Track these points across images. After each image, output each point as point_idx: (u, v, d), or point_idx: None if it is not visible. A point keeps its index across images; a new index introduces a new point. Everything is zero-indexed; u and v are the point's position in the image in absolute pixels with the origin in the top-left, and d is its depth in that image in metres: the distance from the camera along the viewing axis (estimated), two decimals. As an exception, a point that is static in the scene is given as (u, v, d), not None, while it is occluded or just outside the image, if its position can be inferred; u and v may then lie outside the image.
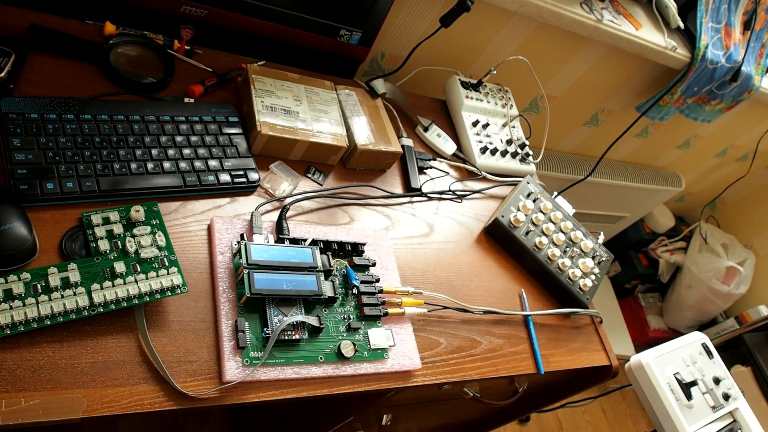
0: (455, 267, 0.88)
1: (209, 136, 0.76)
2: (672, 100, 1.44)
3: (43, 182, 0.62)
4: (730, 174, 2.28)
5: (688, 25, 1.38)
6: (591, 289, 0.96)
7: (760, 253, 2.29)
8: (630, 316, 2.31)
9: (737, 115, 1.84)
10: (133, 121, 0.72)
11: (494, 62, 1.16)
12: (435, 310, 0.79)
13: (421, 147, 1.02)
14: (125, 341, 0.57)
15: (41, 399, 0.51)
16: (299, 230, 0.75)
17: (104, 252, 0.60)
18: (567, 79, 1.43)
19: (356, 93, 0.95)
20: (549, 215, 0.99)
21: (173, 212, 0.69)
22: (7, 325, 0.52)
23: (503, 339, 0.83)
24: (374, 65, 1.22)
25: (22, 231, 0.57)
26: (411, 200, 0.92)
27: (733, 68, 1.41)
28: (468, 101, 1.09)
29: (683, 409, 0.91)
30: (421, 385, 0.72)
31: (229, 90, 0.86)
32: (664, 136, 1.87)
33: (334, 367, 0.66)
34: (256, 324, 0.64)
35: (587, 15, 1.18)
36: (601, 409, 2.13)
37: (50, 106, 0.68)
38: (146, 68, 0.80)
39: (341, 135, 0.85)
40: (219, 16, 0.85)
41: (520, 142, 1.12)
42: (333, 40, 0.94)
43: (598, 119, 1.65)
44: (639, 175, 1.88)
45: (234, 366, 0.60)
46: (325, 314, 0.69)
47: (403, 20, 1.12)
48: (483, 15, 1.15)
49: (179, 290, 0.60)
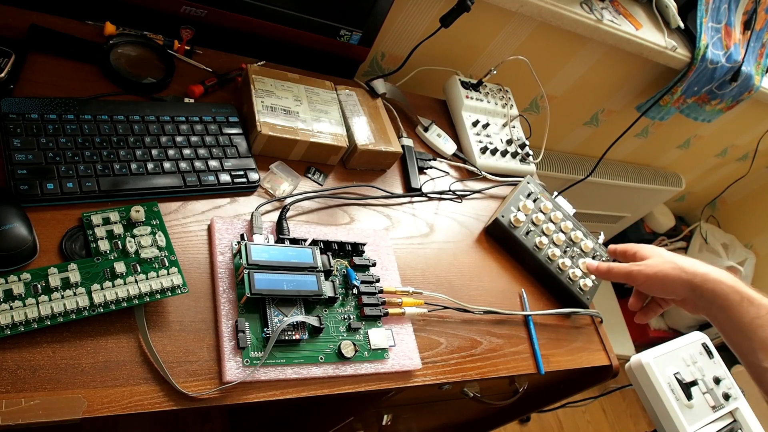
0: (455, 267, 0.87)
1: (209, 136, 0.76)
2: (672, 99, 1.44)
3: (43, 182, 0.62)
4: (730, 174, 2.28)
5: (688, 25, 1.38)
6: (591, 289, 0.96)
7: (760, 253, 2.29)
8: (630, 316, 2.29)
9: (737, 115, 1.84)
10: (133, 121, 0.72)
11: (494, 62, 1.16)
12: (435, 310, 0.79)
13: (421, 147, 1.02)
14: (125, 341, 0.57)
15: (41, 399, 0.51)
16: (299, 230, 0.75)
17: (104, 252, 0.60)
18: (567, 79, 1.43)
19: (356, 93, 0.95)
20: (549, 215, 0.99)
21: (173, 212, 0.69)
22: (8, 326, 0.52)
23: (503, 339, 0.83)
24: (374, 65, 1.22)
25: (22, 231, 0.57)
26: (411, 200, 0.92)
27: (733, 68, 1.41)
28: (468, 101, 1.09)
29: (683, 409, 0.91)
30: (421, 385, 0.72)
31: (229, 90, 0.86)
32: (664, 136, 1.87)
33: (335, 367, 0.66)
34: (256, 324, 0.64)
35: (587, 15, 1.18)
36: (601, 409, 2.13)
37: (50, 107, 0.67)
38: (146, 68, 0.80)
39: (341, 135, 0.85)
40: (219, 16, 0.85)
41: (520, 142, 1.11)
42: (333, 40, 0.94)
43: (598, 119, 1.65)
44: (639, 175, 1.88)
45: (234, 366, 0.60)
46: (326, 314, 0.69)
47: (403, 20, 1.12)
48: (483, 15, 1.15)
49: (179, 290, 0.60)
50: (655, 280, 0.71)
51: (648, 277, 0.72)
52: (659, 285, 0.71)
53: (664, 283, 0.70)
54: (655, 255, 0.74)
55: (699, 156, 2.09)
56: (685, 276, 0.69)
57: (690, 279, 0.68)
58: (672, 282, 0.70)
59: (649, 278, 0.72)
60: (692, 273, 0.69)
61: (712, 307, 0.67)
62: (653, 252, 0.75)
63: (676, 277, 0.69)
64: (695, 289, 0.68)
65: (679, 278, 0.69)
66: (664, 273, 0.70)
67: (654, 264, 0.72)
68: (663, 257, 0.73)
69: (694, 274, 0.68)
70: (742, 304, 0.64)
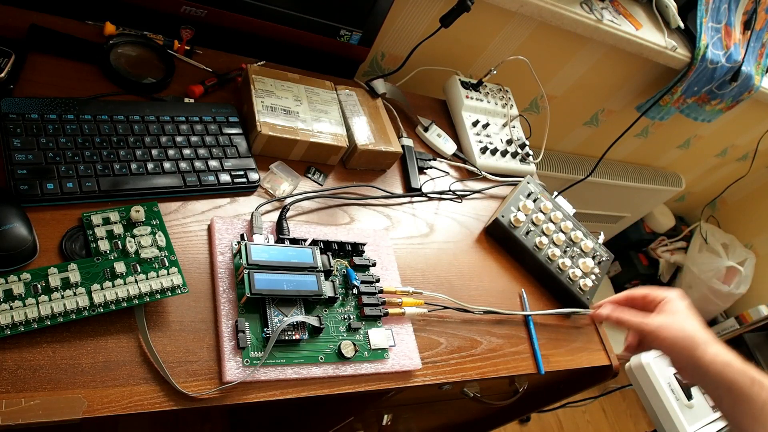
0: (455, 267, 0.87)
1: (209, 136, 0.76)
2: (672, 99, 1.44)
3: (43, 182, 0.62)
4: (730, 174, 2.28)
5: (688, 25, 1.38)
6: (591, 289, 0.96)
7: (760, 252, 2.29)
8: (630, 316, 2.30)
9: (737, 115, 1.84)
10: (133, 121, 0.72)
11: (494, 62, 1.16)
12: (435, 310, 0.79)
13: (421, 147, 1.02)
14: (125, 341, 0.57)
15: (41, 399, 0.51)
16: (299, 230, 0.75)
17: (104, 252, 0.60)
18: (567, 79, 1.43)
19: (356, 93, 0.95)
20: (549, 215, 0.99)
21: (173, 212, 0.69)
22: (8, 326, 0.52)
23: (503, 339, 0.83)
24: (374, 65, 1.22)
25: (22, 231, 0.57)
26: (411, 200, 0.92)
27: (733, 68, 1.41)
28: (468, 101, 1.09)
29: (683, 409, 0.91)
30: (421, 385, 0.72)
31: (229, 90, 0.86)
32: (664, 136, 1.87)
33: (335, 367, 0.66)
34: (256, 324, 0.64)
35: (587, 15, 1.18)
36: (601, 409, 2.13)
37: (50, 107, 0.67)
38: (146, 68, 0.80)
39: (341, 135, 0.85)
40: (219, 16, 0.85)
41: (520, 142, 1.11)
42: (333, 40, 0.94)
43: (598, 119, 1.65)
44: (639, 175, 1.88)
45: (234, 366, 0.60)
46: (326, 314, 0.69)
47: (403, 20, 1.12)
48: (483, 15, 1.15)
49: (179, 290, 0.60)
50: (663, 347, 0.70)
51: (659, 342, 0.70)
52: (668, 352, 0.70)
53: (673, 352, 0.68)
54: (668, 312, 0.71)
55: (699, 156, 2.09)
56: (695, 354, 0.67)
57: (700, 357, 0.66)
58: (679, 352, 0.68)
59: (659, 344, 0.70)
60: (702, 351, 0.66)
61: (718, 389, 0.65)
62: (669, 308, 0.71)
63: (685, 350, 0.67)
64: (701, 367, 0.66)
65: (688, 351, 0.67)
66: (675, 342, 0.68)
67: (668, 327, 0.69)
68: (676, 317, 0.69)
69: (704, 351, 0.66)
70: (753, 389, 0.62)
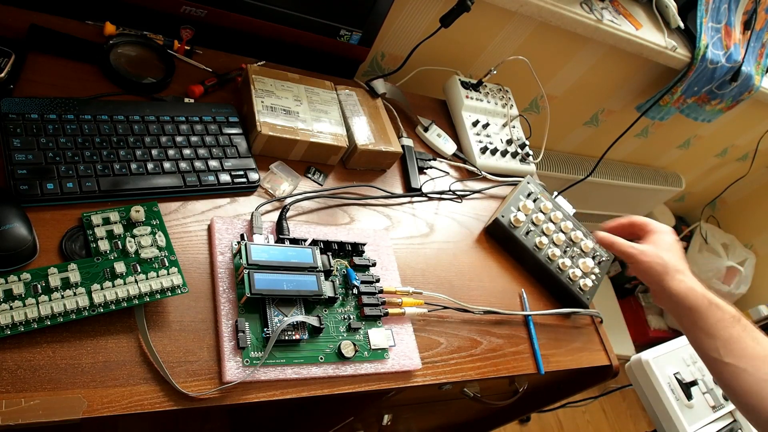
0: (455, 267, 0.87)
1: (209, 136, 0.76)
2: (672, 99, 1.45)
3: (43, 182, 0.62)
4: (730, 174, 2.28)
5: (688, 25, 1.38)
6: (591, 289, 0.96)
7: (760, 252, 2.30)
8: (630, 316, 2.31)
9: (737, 115, 1.84)
10: (133, 121, 0.72)
11: (494, 62, 1.15)
12: (435, 310, 0.79)
13: (421, 147, 1.02)
14: (125, 341, 0.57)
15: (41, 399, 0.51)
16: (299, 230, 0.75)
17: (104, 252, 0.60)
18: (567, 79, 1.43)
19: (356, 93, 0.95)
20: (549, 215, 0.99)
21: (173, 212, 0.69)
22: (7, 326, 0.52)
23: (503, 339, 0.83)
24: (374, 65, 1.22)
25: (22, 231, 0.57)
26: (411, 200, 0.92)
27: (733, 68, 1.41)
28: (468, 101, 1.09)
29: (683, 408, 0.91)
30: (421, 385, 0.72)
31: (229, 90, 0.86)
32: (664, 136, 1.87)
33: (335, 367, 0.66)
34: (256, 324, 0.64)
35: (587, 15, 1.18)
36: (601, 409, 2.13)
37: (50, 107, 0.67)
38: (146, 68, 0.80)
39: (341, 135, 0.85)
40: (219, 16, 0.85)
41: (520, 142, 1.11)
42: (333, 40, 0.94)
43: (598, 119, 1.65)
44: (639, 175, 1.88)
45: (234, 366, 0.60)
46: (326, 314, 0.69)
47: (403, 20, 1.12)
48: (483, 15, 1.15)
49: (179, 290, 0.60)
50: (639, 270, 0.78)
51: (637, 265, 0.78)
52: (642, 276, 0.78)
53: (647, 275, 0.77)
54: (653, 242, 0.79)
55: (699, 156, 2.10)
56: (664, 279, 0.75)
57: (668, 282, 0.75)
58: (652, 276, 0.76)
59: (636, 267, 0.79)
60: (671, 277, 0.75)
61: (680, 310, 0.74)
62: (656, 239, 0.79)
63: (657, 275, 0.76)
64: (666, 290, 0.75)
65: (659, 276, 0.76)
66: (649, 267, 0.76)
67: (648, 254, 0.77)
68: (658, 248, 0.77)
69: (672, 278, 0.75)
70: (710, 309, 0.71)
